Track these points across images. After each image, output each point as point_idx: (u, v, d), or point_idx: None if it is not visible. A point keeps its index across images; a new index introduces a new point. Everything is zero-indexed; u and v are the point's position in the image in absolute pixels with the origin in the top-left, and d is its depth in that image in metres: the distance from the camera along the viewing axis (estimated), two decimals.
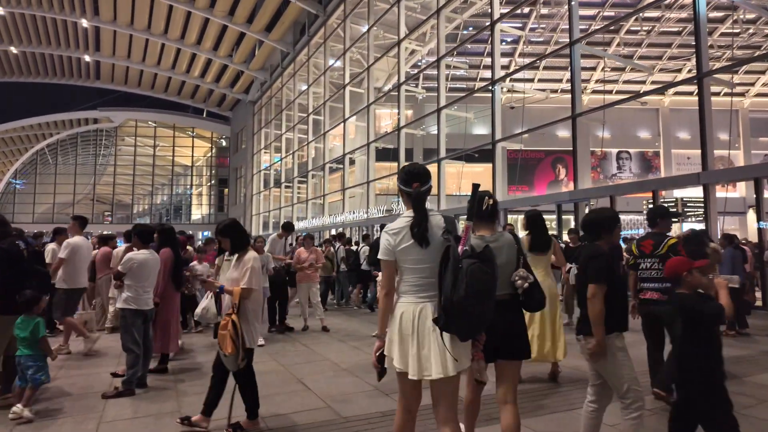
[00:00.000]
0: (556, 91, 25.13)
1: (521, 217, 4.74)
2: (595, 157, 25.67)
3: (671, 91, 25.57)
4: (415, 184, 2.25)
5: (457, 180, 24.59)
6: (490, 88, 12.90)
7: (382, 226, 3.78)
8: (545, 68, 24.54)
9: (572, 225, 11.04)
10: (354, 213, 19.43)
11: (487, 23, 13.27)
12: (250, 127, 34.52)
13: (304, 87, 25.48)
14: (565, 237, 10.33)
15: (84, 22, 28.85)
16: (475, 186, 2.37)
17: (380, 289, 2.38)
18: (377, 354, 2.25)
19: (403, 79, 16.92)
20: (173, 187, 44.43)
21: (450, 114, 15.89)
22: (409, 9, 17.83)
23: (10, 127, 39.71)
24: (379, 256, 2.25)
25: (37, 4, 28.01)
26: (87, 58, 33.31)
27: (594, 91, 25.18)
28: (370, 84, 19.40)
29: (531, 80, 24.18)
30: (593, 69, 24.25)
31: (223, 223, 3.55)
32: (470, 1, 16.43)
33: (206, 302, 4.00)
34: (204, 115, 41.33)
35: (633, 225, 22.41)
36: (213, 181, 42.59)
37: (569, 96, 24.63)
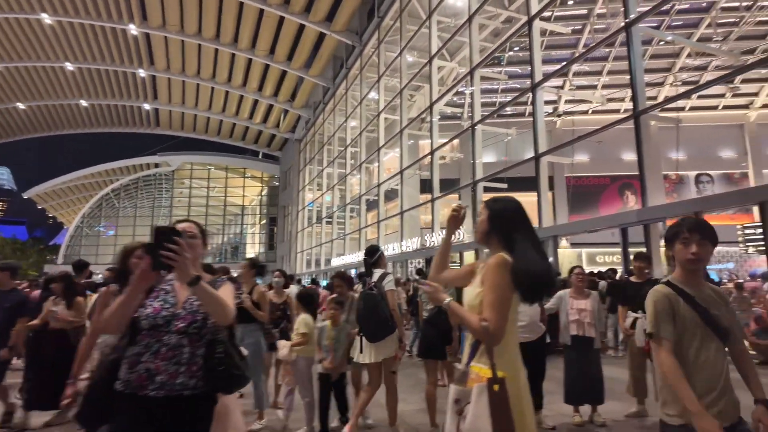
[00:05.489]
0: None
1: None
2: (669, 182, 22.41)
3: (758, 103, 22.15)
4: (366, 257, 4.20)
5: None
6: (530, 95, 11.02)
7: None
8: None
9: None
10: (391, 247, 17.84)
11: (524, 19, 11.56)
12: (296, 165, 34.51)
13: (344, 120, 24.90)
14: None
15: (141, 72, 30.56)
16: None
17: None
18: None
19: (435, 97, 15.45)
20: (229, 228, 45.40)
21: (488, 131, 14.05)
22: (442, 30, 16.61)
23: (81, 174, 42.74)
24: None
25: (101, 59, 30.10)
26: (146, 106, 35.27)
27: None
28: (404, 110, 18.15)
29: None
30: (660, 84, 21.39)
31: None
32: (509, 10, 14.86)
33: None
34: (260, 156, 42.38)
35: (724, 258, 18.82)
36: (264, 221, 43.08)
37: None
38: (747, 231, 14.06)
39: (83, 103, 35.27)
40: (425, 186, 19.19)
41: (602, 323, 3.99)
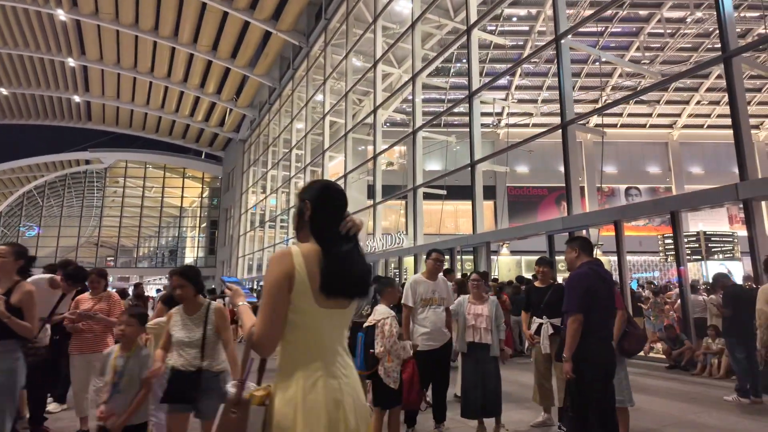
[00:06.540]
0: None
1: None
2: (602, 194, 23.63)
3: (680, 124, 23.88)
4: None
5: (438, 218, 22.81)
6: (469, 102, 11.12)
7: None
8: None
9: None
10: None
11: (464, 28, 11.69)
12: (240, 166, 33.36)
13: (290, 122, 24.32)
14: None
15: (71, 62, 28.42)
16: None
17: None
18: None
19: (378, 102, 15.34)
20: (165, 230, 43.18)
21: (433, 139, 14.12)
22: (388, 36, 16.60)
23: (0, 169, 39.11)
24: None
25: (24, 44, 27.73)
26: (77, 98, 32.85)
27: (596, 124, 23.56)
28: (348, 113, 17.93)
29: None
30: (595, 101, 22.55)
31: None
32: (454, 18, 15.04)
33: None
34: (203, 156, 40.61)
35: (648, 267, 19.93)
36: (204, 224, 41.26)
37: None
38: (667, 241, 14.91)
39: (3, 91, 32.36)
40: (372, 191, 19.03)
41: (501, 330, 3.83)
